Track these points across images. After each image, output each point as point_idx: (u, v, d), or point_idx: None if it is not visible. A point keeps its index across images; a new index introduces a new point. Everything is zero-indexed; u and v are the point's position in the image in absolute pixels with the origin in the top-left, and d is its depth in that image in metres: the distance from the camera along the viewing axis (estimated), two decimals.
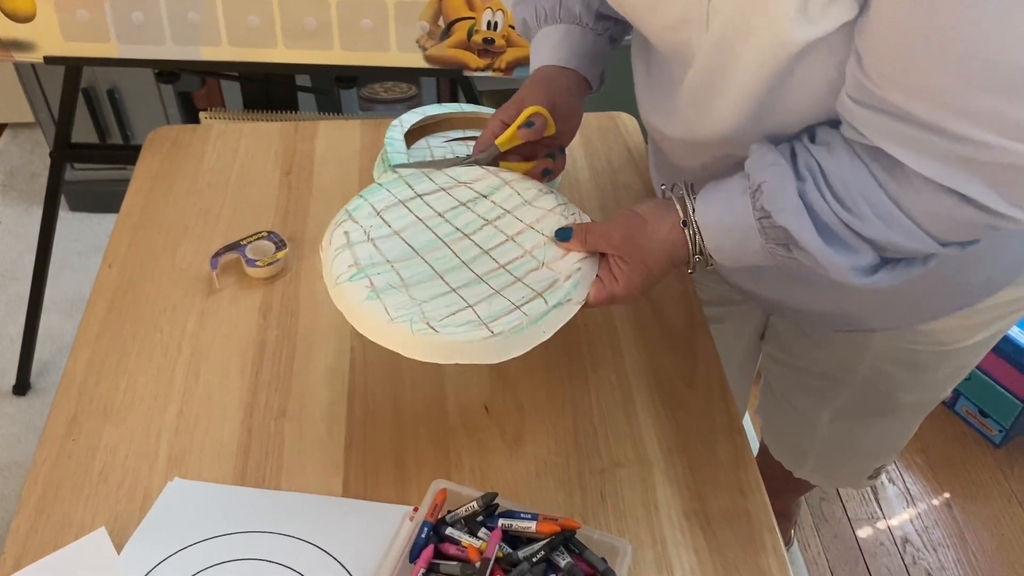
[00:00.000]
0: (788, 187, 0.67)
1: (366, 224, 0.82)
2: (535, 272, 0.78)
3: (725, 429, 0.88)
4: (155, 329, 0.95)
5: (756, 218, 0.70)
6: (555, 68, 0.90)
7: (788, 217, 0.67)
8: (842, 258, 0.67)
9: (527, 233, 0.81)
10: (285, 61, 1.36)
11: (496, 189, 0.86)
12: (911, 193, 0.64)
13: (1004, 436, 1.80)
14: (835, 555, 1.63)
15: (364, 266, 0.77)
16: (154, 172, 1.16)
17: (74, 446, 0.84)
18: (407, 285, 0.76)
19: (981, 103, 0.57)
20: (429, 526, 0.69)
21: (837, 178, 0.67)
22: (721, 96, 0.72)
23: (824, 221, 0.67)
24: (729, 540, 0.78)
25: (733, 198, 0.72)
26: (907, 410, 1.14)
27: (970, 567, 1.62)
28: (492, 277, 0.77)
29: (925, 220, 0.65)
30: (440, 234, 0.82)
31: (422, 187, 0.86)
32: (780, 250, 0.70)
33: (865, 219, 0.66)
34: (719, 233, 0.74)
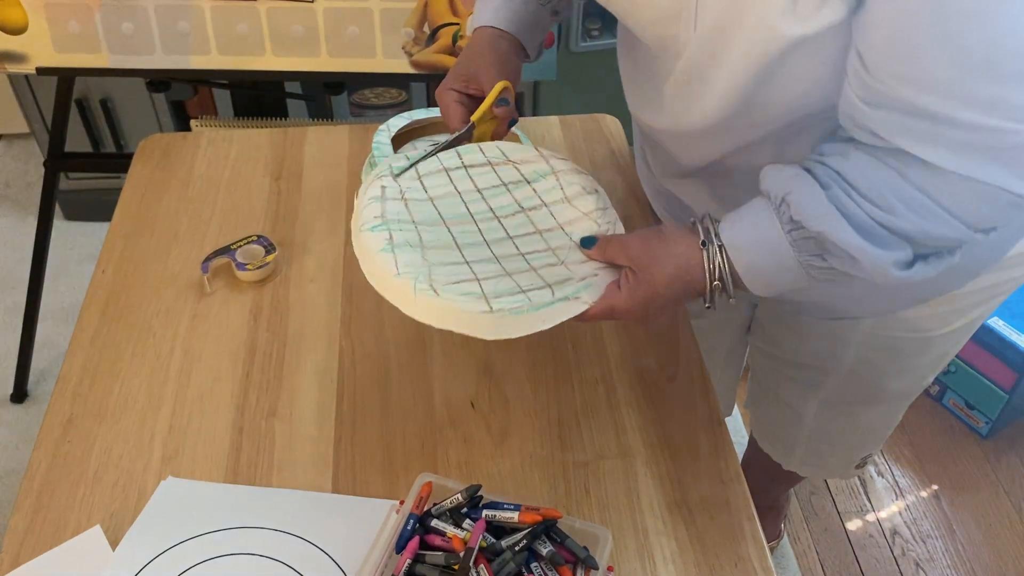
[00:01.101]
0: (816, 193, 0.67)
1: (404, 184, 0.83)
2: (552, 267, 0.77)
3: (706, 421, 0.90)
4: (148, 332, 0.97)
5: (786, 231, 0.69)
6: (495, 32, 0.90)
7: (822, 222, 0.66)
8: (882, 252, 0.66)
9: (556, 232, 0.81)
10: (273, 68, 1.38)
11: (541, 177, 0.85)
12: (938, 181, 0.64)
13: (991, 428, 1.82)
14: (825, 548, 1.65)
15: (389, 220, 0.78)
16: (146, 179, 1.18)
17: (69, 447, 0.86)
18: (424, 247, 0.76)
19: (987, 91, 0.57)
20: (415, 518, 0.71)
21: (861, 180, 0.66)
22: (708, 89, 0.73)
23: (859, 222, 0.66)
24: (709, 529, 0.81)
25: (758, 215, 0.71)
26: (892, 398, 1.16)
27: (958, 557, 1.64)
28: (508, 260, 0.77)
29: (956, 206, 0.64)
30: (472, 210, 0.82)
31: (470, 158, 0.86)
32: (815, 260, 0.69)
33: (899, 214, 0.65)
34: (750, 252, 0.71)
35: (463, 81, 0.89)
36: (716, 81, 0.71)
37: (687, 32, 0.71)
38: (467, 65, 0.89)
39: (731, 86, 0.70)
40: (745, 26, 0.66)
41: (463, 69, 0.89)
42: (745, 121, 0.75)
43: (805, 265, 0.69)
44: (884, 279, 0.67)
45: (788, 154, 0.81)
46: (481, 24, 0.92)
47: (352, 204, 1.14)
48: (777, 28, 0.64)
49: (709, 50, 0.70)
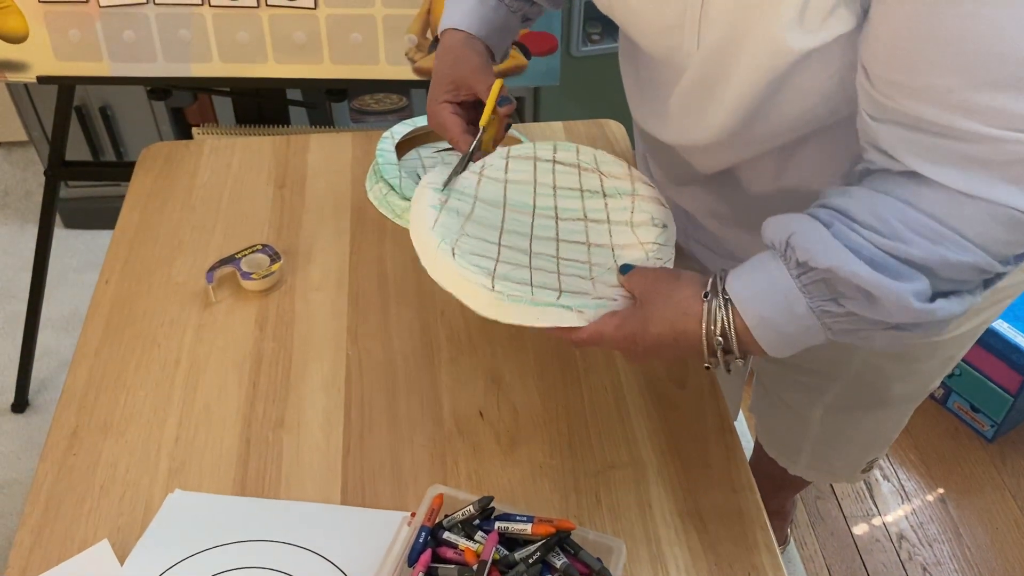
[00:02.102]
0: (819, 230, 0.63)
1: (490, 160, 0.85)
2: (578, 279, 0.76)
3: (716, 429, 0.89)
4: (153, 343, 0.97)
5: (795, 276, 0.64)
6: (467, 35, 0.89)
7: (828, 257, 0.62)
8: (898, 284, 0.60)
9: (604, 250, 0.80)
10: (275, 76, 1.37)
11: (619, 195, 0.85)
12: (944, 203, 0.61)
13: (996, 431, 1.82)
14: (831, 553, 1.65)
15: (453, 188, 0.82)
16: (148, 188, 1.17)
17: (75, 460, 0.85)
18: (470, 219, 0.79)
19: (988, 100, 0.56)
20: (426, 530, 0.70)
21: (864, 212, 0.63)
22: (714, 104, 0.72)
23: (866, 255, 0.61)
24: (722, 538, 0.80)
25: (765, 264, 0.66)
26: (898, 402, 1.16)
27: (965, 561, 1.63)
28: (539, 258, 0.77)
29: (966, 228, 0.61)
30: (537, 203, 0.83)
31: (562, 155, 0.88)
32: (830, 306, 0.64)
33: (907, 240, 0.61)
34: (757, 303, 0.66)
35: (452, 90, 0.86)
36: (723, 96, 0.71)
37: (690, 44, 0.71)
38: (452, 72, 0.87)
39: (738, 100, 0.70)
40: (752, 40, 0.65)
41: (449, 77, 0.87)
42: (752, 134, 0.74)
43: (819, 313, 0.64)
44: (906, 316, 0.62)
45: (793, 165, 0.81)
46: (452, 26, 0.89)
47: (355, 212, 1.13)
48: (784, 41, 0.63)
49: (715, 64, 0.70)
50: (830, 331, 0.66)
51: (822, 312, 0.64)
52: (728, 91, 0.70)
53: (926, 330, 0.64)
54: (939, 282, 0.62)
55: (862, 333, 0.65)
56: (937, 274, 0.62)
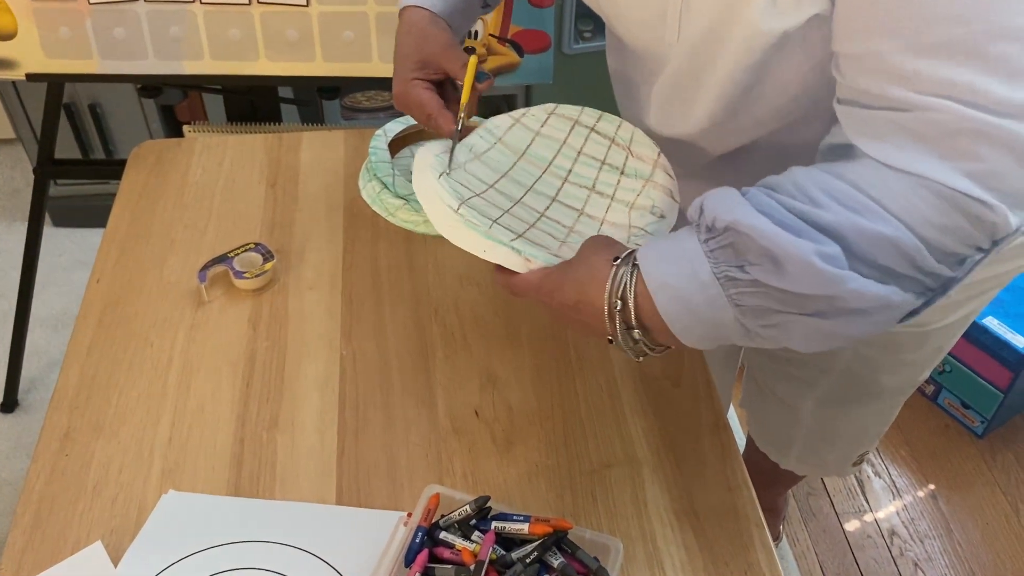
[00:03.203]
0: (732, 195, 0.61)
1: (534, 111, 0.88)
2: (548, 236, 0.75)
3: (711, 427, 0.89)
4: (145, 343, 0.96)
5: (702, 241, 0.61)
6: (428, 14, 0.86)
7: (731, 212, 0.58)
8: (801, 241, 0.56)
9: (592, 223, 0.81)
10: (268, 73, 1.37)
11: (635, 176, 0.85)
12: (870, 173, 0.58)
13: (986, 427, 1.83)
14: (824, 549, 1.65)
15: (489, 126, 0.86)
16: (139, 187, 1.17)
17: (67, 461, 0.85)
18: (476, 158, 0.82)
19: (915, 64, 0.56)
20: (423, 531, 0.70)
21: (785, 182, 0.61)
22: (697, 94, 0.73)
23: (774, 216, 0.58)
24: (718, 536, 0.80)
25: (678, 233, 0.64)
26: (888, 394, 1.16)
27: (956, 557, 1.64)
28: (522, 208, 0.79)
29: (889, 199, 0.57)
30: (555, 162, 0.85)
31: (603, 126, 0.88)
32: (734, 272, 0.59)
33: (821, 204, 0.58)
34: (662, 266, 0.62)
35: (421, 68, 0.84)
36: (705, 86, 0.71)
37: (671, 35, 0.71)
38: (419, 51, 0.84)
39: (720, 90, 0.70)
40: (731, 28, 0.66)
41: (416, 56, 0.84)
42: (735, 125, 0.75)
43: (723, 281, 0.59)
44: (813, 279, 0.56)
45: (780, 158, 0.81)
46: (412, 3, 0.87)
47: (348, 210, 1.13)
48: (759, 24, 0.63)
49: (696, 55, 0.70)
50: (738, 308, 0.60)
51: (727, 280, 0.59)
52: (710, 81, 0.70)
53: (850, 320, 0.59)
54: (856, 260, 0.57)
55: (776, 316, 0.59)
56: (850, 243, 0.57)
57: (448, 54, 0.83)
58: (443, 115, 0.83)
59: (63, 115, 1.94)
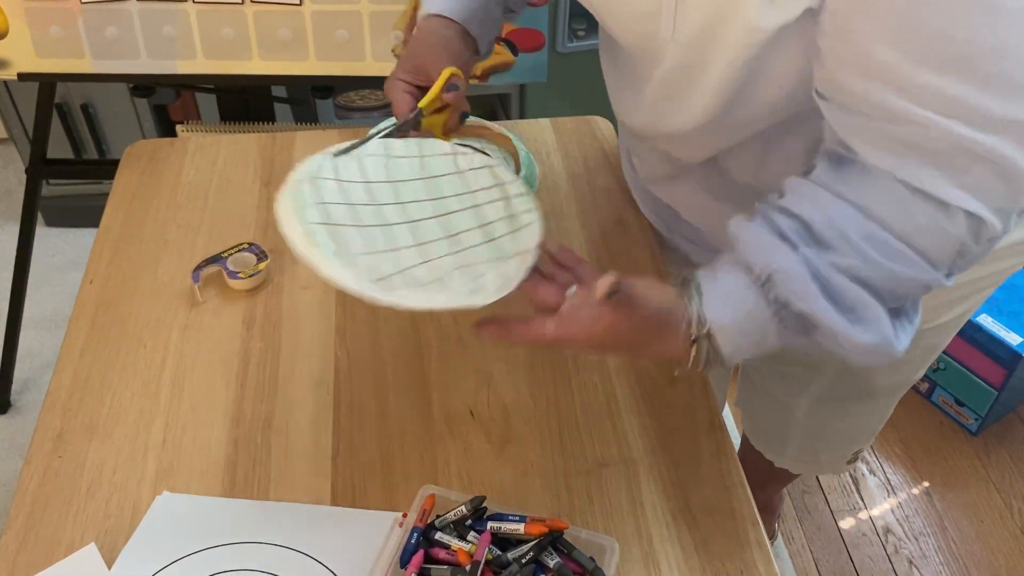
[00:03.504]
0: (799, 270, 0.65)
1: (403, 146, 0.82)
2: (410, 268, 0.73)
3: (707, 426, 0.89)
4: (139, 344, 0.96)
5: (772, 312, 0.66)
6: (444, 21, 0.87)
7: (808, 301, 0.64)
8: (864, 335, 0.64)
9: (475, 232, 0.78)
10: (261, 73, 1.36)
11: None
12: (891, 208, 0.63)
13: (980, 424, 1.83)
14: (819, 547, 1.66)
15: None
16: (132, 187, 1.16)
17: (61, 463, 0.84)
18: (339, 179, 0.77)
19: (926, 79, 0.57)
20: (418, 531, 0.70)
21: (827, 228, 0.65)
22: (692, 91, 0.72)
23: (835, 289, 0.64)
24: (714, 534, 0.80)
25: (742, 294, 0.67)
26: (883, 393, 1.17)
27: (950, 554, 1.64)
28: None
29: (913, 238, 0.63)
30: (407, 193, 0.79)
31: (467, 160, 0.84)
32: (800, 337, 0.67)
33: (867, 258, 0.64)
34: (736, 335, 0.68)
35: (411, 72, 0.85)
36: (701, 82, 0.71)
37: (666, 31, 0.71)
38: (414, 55, 0.86)
39: (717, 86, 0.70)
40: (726, 23, 0.66)
41: (411, 60, 0.86)
42: (730, 122, 0.75)
43: (789, 339, 0.68)
44: (863, 353, 0.66)
45: (775, 156, 0.81)
46: (431, 12, 0.88)
47: None
48: (756, 20, 0.63)
49: (692, 50, 0.70)
50: (790, 350, 0.69)
51: (789, 339, 0.67)
52: (706, 77, 0.70)
53: None
54: (889, 298, 0.66)
55: (825, 351, 0.68)
56: (887, 295, 0.65)
57: (437, 62, 0.84)
58: (405, 116, 0.84)
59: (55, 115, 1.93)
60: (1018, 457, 1.81)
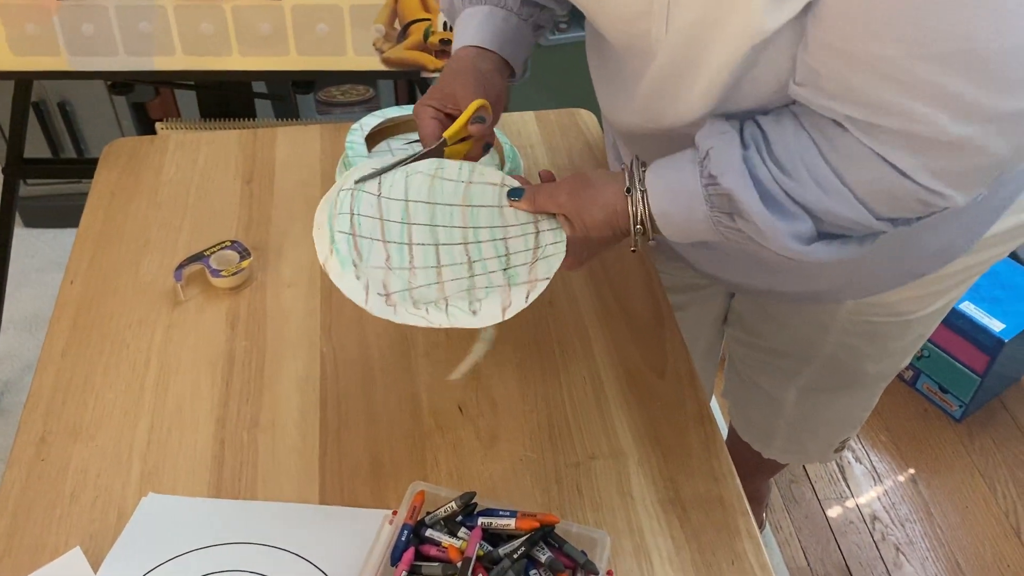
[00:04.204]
0: (733, 152, 0.68)
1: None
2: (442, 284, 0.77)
3: (696, 417, 0.89)
4: (121, 344, 0.94)
5: (703, 184, 0.70)
6: (477, 50, 0.88)
7: (731, 179, 0.68)
8: (781, 223, 0.68)
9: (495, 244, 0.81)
10: (241, 68, 1.35)
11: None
12: (848, 161, 0.65)
13: (964, 411, 1.85)
14: (807, 535, 1.67)
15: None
16: (112, 186, 1.15)
17: (44, 466, 0.83)
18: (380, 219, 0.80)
19: (928, 74, 0.57)
20: (409, 528, 0.69)
21: (779, 145, 0.68)
22: (685, 89, 0.72)
23: (765, 187, 0.68)
24: (705, 526, 0.80)
25: (682, 166, 0.73)
26: (870, 382, 1.17)
27: (936, 540, 1.66)
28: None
29: (860, 189, 0.66)
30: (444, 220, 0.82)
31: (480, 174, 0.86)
32: (724, 219, 0.71)
33: (803, 184, 0.67)
34: (665, 198, 0.74)
35: (440, 100, 0.86)
36: (694, 80, 0.71)
37: (659, 29, 0.70)
38: (446, 84, 0.87)
39: (713, 82, 0.70)
40: (724, 23, 0.65)
41: (442, 88, 0.87)
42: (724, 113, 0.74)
43: (715, 221, 0.71)
44: (783, 250, 0.69)
45: None
46: (463, 44, 0.89)
47: None
48: (763, 22, 0.63)
49: (687, 48, 0.69)
50: (723, 236, 0.73)
51: (717, 221, 0.71)
52: (701, 74, 0.70)
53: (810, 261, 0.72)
54: (824, 225, 0.69)
55: (750, 247, 0.72)
56: (821, 219, 0.69)
57: (466, 92, 0.85)
58: (430, 144, 0.85)
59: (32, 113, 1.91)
60: (1001, 442, 1.83)
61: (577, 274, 1.03)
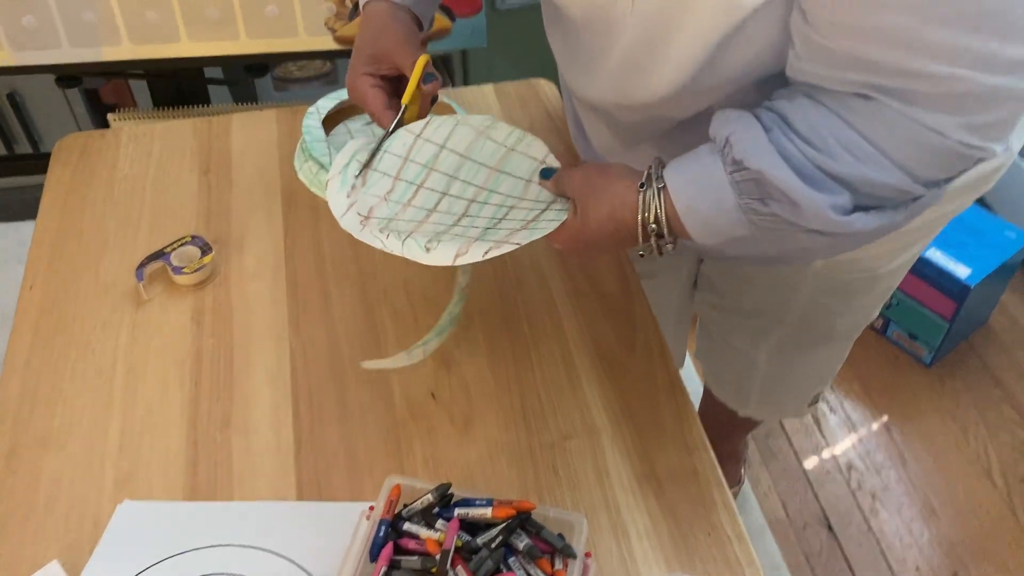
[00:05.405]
0: (756, 134, 0.65)
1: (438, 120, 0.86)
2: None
3: (667, 389, 0.90)
4: (86, 349, 0.93)
5: (728, 171, 0.67)
6: (391, 5, 0.85)
7: (759, 160, 0.65)
8: (820, 195, 0.64)
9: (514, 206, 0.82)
10: (191, 55, 1.31)
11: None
12: (879, 127, 0.63)
13: (934, 356, 1.88)
14: (784, 488, 1.69)
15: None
16: (66, 184, 1.12)
17: (15, 479, 0.82)
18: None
19: (940, 37, 0.56)
20: (386, 524, 0.70)
21: (802, 122, 0.65)
22: (659, 63, 0.70)
23: (796, 163, 0.64)
24: (680, 499, 0.81)
25: (702, 158, 0.69)
26: (841, 337, 1.19)
27: (911, 484, 1.69)
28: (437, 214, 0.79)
29: (897, 153, 0.63)
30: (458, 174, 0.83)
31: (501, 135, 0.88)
32: (756, 205, 0.67)
33: (836, 156, 0.64)
34: (689, 193, 0.69)
35: (373, 63, 0.83)
36: (667, 55, 0.69)
37: (624, 4, 0.69)
38: (373, 44, 0.83)
39: (686, 58, 0.68)
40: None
41: (369, 50, 0.83)
42: (697, 90, 0.73)
43: (746, 209, 0.67)
44: (824, 224, 0.66)
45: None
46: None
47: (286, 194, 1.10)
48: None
49: (657, 24, 0.68)
50: (755, 227, 0.69)
51: (748, 209, 0.67)
52: (673, 50, 0.68)
53: (848, 240, 0.70)
54: (860, 197, 0.66)
55: (784, 233, 0.69)
56: (858, 190, 0.65)
57: (401, 50, 0.82)
58: (385, 114, 0.83)
59: None
60: (971, 385, 1.86)
61: (546, 252, 1.03)
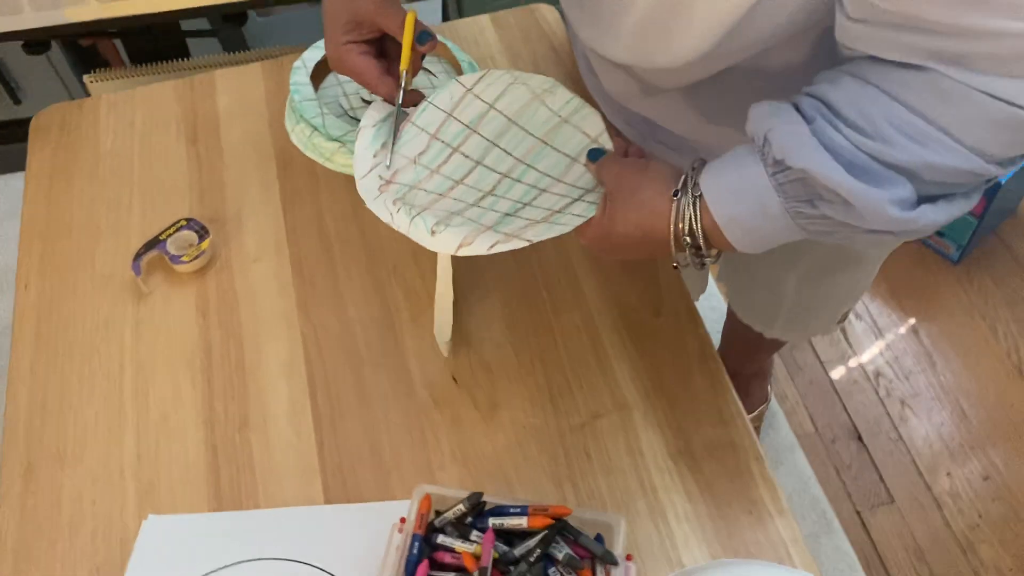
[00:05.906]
0: (797, 128, 0.59)
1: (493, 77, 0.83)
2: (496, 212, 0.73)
3: (698, 356, 0.86)
4: (91, 351, 0.90)
5: (770, 174, 0.61)
6: None
7: (803, 157, 0.58)
8: (877, 191, 0.57)
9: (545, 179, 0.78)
10: (163, 9, 1.22)
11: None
12: (938, 102, 0.55)
13: (961, 252, 1.83)
14: (812, 401, 1.68)
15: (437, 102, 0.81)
16: (48, 166, 1.06)
17: (36, 500, 0.80)
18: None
19: None
20: (419, 539, 0.67)
21: (849, 107, 0.58)
22: (682, 25, 0.64)
23: (846, 157, 0.57)
24: (718, 475, 0.78)
25: (741, 160, 0.63)
26: (871, 259, 1.14)
27: (941, 389, 1.67)
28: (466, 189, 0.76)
29: (960, 131, 0.56)
30: (495, 143, 0.79)
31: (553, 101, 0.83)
32: (804, 208, 0.61)
33: (893, 143, 0.56)
34: (729, 201, 0.63)
35: (354, 29, 0.76)
36: (692, 17, 0.62)
37: None
38: (349, 9, 0.76)
39: (711, 22, 0.61)
40: None
41: (346, 15, 0.76)
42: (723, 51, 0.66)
43: (794, 214, 0.61)
44: (885, 223, 0.58)
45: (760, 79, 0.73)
46: None
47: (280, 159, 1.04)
48: None
49: None
50: (805, 232, 0.63)
51: (796, 213, 0.61)
52: (698, 12, 0.62)
53: (912, 235, 0.62)
54: (925, 186, 0.58)
55: (840, 234, 0.62)
56: (922, 178, 0.57)
57: (383, 11, 0.74)
58: (383, 82, 0.76)
59: None
60: (1000, 280, 1.81)
61: None
